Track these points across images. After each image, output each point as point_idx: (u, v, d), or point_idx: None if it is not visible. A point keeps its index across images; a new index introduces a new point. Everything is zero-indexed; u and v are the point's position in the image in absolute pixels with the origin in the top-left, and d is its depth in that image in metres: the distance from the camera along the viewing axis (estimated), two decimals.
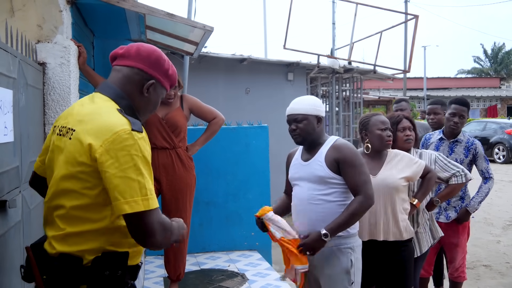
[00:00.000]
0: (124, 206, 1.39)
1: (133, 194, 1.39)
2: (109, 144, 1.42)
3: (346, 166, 2.41)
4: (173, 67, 1.71)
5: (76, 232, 1.49)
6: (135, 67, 1.60)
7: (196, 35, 4.15)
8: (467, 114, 3.65)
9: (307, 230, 2.45)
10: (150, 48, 1.64)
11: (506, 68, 42.24)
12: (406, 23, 14.41)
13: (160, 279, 4.20)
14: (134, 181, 1.40)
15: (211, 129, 3.82)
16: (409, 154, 2.95)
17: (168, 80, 1.68)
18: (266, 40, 13.99)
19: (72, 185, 1.48)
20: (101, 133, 1.43)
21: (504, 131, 16.23)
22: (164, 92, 1.70)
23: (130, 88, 1.60)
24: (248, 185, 5.07)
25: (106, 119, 1.47)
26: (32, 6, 2.86)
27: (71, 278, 1.47)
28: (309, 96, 2.63)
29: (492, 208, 8.70)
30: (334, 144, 2.48)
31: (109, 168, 1.40)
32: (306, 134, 2.49)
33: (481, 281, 4.94)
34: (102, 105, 1.55)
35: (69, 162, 1.49)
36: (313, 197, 2.47)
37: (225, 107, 6.40)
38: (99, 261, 1.48)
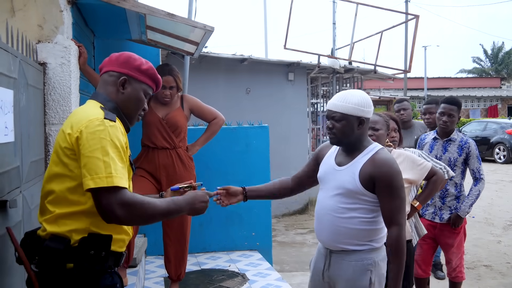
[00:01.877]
0: (89, 182, 1.55)
1: (97, 171, 1.55)
2: (83, 128, 1.61)
3: (382, 187, 2.15)
4: (148, 64, 1.85)
5: (65, 213, 1.65)
6: (109, 70, 1.83)
7: (197, 35, 4.15)
8: (456, 112, 3.65)
9: (327, 240, 2.29)
10: (120, 53, 1.86)
11: (506, 68, 42.20)
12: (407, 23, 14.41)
13: (161, 279, 4.20)
14: (100, 160, 1.56)
15: (211, 129, 3.82)
16: (415, 156, 2.93)
17: (143, 74, 1.82)
18: (267, 40, 14.00)
19: (58, 169, 1.67)
20: (78, 122, 1.65)
21: (504, 131, 16.22)
22: (144, 87, 1.84)
23: (110, 89, 1.81)
24: (248, 185, 5.04)
25: (85, 112, 1.69)
26: (32, 6, 2.86)
27: (59, 257, 1.62)
28: (358, 92, 2.26)
29: (493, 208, 8.70)
30: (375, 157, 2.20)
31: (81, 149, 1.59)
32: (342, 135, 2.22)
33: (481, 281, 4.94)
34: (88, 105, 1.78)
35: (55, 150, 1.70)
36: (336, 209, 2.23)
37: (226, 107, 6.39)
38: (85, 241, 1.63)
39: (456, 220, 3.61)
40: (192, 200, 1.83)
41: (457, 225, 3.62)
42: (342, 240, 2.23)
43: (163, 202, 1.71)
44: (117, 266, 1.76)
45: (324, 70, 9.52)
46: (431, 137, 3.80)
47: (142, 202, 1.61)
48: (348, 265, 2.23)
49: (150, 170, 3.59)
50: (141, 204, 1.60)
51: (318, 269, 2.38)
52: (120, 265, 1.78)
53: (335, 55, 11.91)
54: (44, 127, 2.80)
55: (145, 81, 1.83)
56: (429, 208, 3.71)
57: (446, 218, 3.62)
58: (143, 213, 1.61)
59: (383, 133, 2.85)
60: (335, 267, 2.28)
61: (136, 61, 1.82)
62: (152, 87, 1.87)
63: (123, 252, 1.77)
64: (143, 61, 1.84)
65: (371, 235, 2.23)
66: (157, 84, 1.88)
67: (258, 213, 5.06)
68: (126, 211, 1.56)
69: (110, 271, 1.71)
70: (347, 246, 2.23)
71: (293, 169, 2.87)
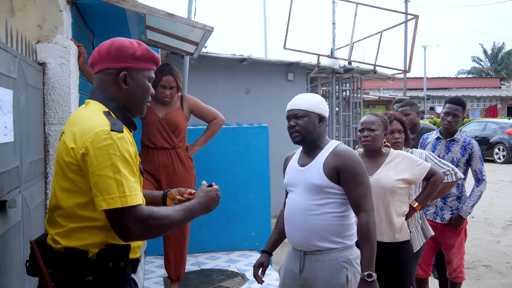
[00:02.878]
0: (101, 202, 1.45)
1: (109, 191, 1.44)
2: (89, 144, 1.48)
3: (347, 176, 2.22)
4: (142, 46, 1.67)
5: (78, 227, 1.54)
6: (104, 68, 1.65)
7: (196, 35, 4.15)
8: (461, 113, 3.64)
9: (299, 241, 2.31)
10: (107, 44, 1.66)
11: (506, 68, 42.21)
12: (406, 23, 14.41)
13: (160, 279, 4.20)
14: (111, 178, 1.45)
15: (211, 129, 3.82)
16: (414, 156, 2.92)
17: (141, 60, 1.65)
18: (266, 40, 14.00)
19: (65, 183, 1.55)
20: (82, 135, 1.50)
21: (504, 131, 16.24)
22: (146, 73, 1.68)
23: (111, 88, 1.65)
24: (248, 185, 5.07)
25: (88, 122, 1.54)
26: (32, 6, 2.85)
27: (78, 271, 1.53)
28: (314, 94, 2.45)
29: (492, 208, 8.70)
30: (335, 150, 2.29)
31: (89, 167, 1.47)
32: (305, 132, 2.30)
33: (481, 281, 4.94)
34: (90, 109, 1.63)
35: (59, 163, 1.57)
36: (307, 207, 2.27)
37: (225, 107, 6.39)
38: (104, 253, 1.54)
39: (458, 221, 3.61)
40: (207, 201, 1.73)
41: (458, 226, 3.62)
42: (315, 238, 2.25)
43: (177, 211, 1.60)
44: (134, 272, 1.70)
45: (324, 70, 9.53)
46: (434, 137, 3.79)
47: (157, 216, 1.53)
48: (323, 265, 2.25)
49: (150, 170, 3.59)
50: (156, 219, 1.52)
51: (291, 273, 2.37)
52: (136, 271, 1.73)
53: (334, 55, 11.91)
54: (44, 127, 2.80)
55: (145, 66, 1.67)
56: (430, 208, 3.71)
57: (447, 219, 3.62)
58: (160, 227, 1.54)
59: (380, 134, 2.83)
60: (310, 268, 2.28)
61: (129, 49, 1.63)
62: (153, 68, 1.71)
63: (138, 258, 1.71)
64: (136, 45, 1.65)
65: (343, 230, 2.27)
66: (156, 62, 1.71)
67: (258, 213, 5.06)
68: (143, 228, 1.49)
69: (128, 279, 1.66)
70: (320, 244, 2.25)
71: None
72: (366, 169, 2.31)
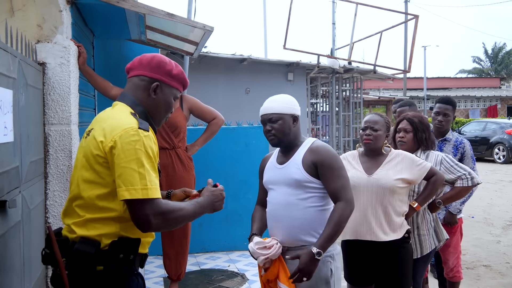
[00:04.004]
0: (124, 192, 1.56)
1: (133, 182, 1.56)
2: (118, 138, 1.60)
3: (324, 170, 2.28)
4: (178, 68, 1.85)
5: (95, 218, 1.65)
6: (140, 74, 1.81)
7: (196, 35, 4.15)
8: (451, 112, 3.63)
9: (283, 237, 2.33)
10: (151, 55, 1.84)
11: (506, 68, 42.20)
12: (406, 23, 14.42)
13: (160, 279, 4.20)
14: (135, 171, 1.57)
15: (210, 129, 3.82)
16: (414, 156, 2.91)
17: (174, 79, 1.84)
18: (266, 40, 13.99)
19: (89, 175, 1.66)
20: (112, 130, 1.63)
21: (504, 131, 16.23)
22: (174, 91, 1.86)
23: (140, 94, 1.80)
24: (248, 185, 5.07)
25: (118, 119, 1.68)
26: (32, 6, 2.85)
27: (90, 260, 1.62)
28: (283, 94, 2.46)
29: (492, 208, 8.70)
30: (312, 147, 2.36)
31: (116, 159, 1.59)
32: (282, 135, 2.35)
33: (481, 281, 4.94)
34: (118, 109, 1.76)
35: (86, 156, 1.68)
36: (289, 202, 2.32)
37: (225, 107, 6.40)
38: (115, 245, 1.65)
39: (450, 219, 3.60)
40: (212, 200, 1.84)
41: (451, 223, 3.60)
42: (299, 232, 2.29)
43: (190, 205, 1.74)
44: (142, 267, 1.78)
45: (324, 70, 9.54)
46: None
47: (174, 209, 1.66)
48: None
49: None
50: (173, 211, 1.65)
51: None
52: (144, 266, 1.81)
53: (334, 55, 11.92)
54: (44, 127, 2.80)
55: (176, 85, 1.85)
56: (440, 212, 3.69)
57: (442, 218, 3.61)
58: (176, 219, 1.67)
59: (382, 134, 2.83)
60: (294, 263, 2.28)
61: (167, 66, 1.82)
62: (180, 90, 1.89)
63: (147, 253, 1.80)
64: (173, 65, 1.85)
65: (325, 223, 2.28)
66: (185, 86, 1.91)
67: None
68: (161, 220, 1.61)
69: (136, 273, 1.74)
70: (305, 238, 2.29)
71: None
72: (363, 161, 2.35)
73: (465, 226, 3.89)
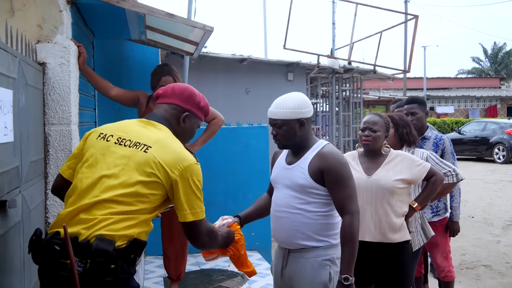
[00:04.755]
0: (189, 215, 1.85)
1: (195, 207, 1.86)
2: (184, 171, 1.82)
3: (331, 178, 2.21)
4: (204, 100, 2.10)
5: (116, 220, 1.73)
6: (172, 103, 2.01)
7: (196, 35, 4.15)
8: (418, 109, 3.69)
9: (285, 240, 2.31)
10: (183, 86, 2.06)
11: (506, 68, 42.20)
12: (406, 23, 14.42)
13: (160, 279, 4.20)
14: (198, 199, 1.87)
15: (210, 129, 3.82)
16: (413, 156, 2.91)
17: (201, 111, 2.08)
18: (266, 40, 14.00)
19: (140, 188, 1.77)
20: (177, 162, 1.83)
21: (504, 131, 16.24)
22: (198, 121, 2.10)
23: (171, 119, 2.00)
24: (248, 185, 5.07)
25: (178, 150, 1.87)
26: (32, 6, 2.85)
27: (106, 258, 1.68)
28: (292, 96, 2.34)
29: (492, 208, 8.71)
30: (320, 152, 2.27)
31: (182, 187, 1.82)
32: (286, 140, 2.31)
33: (481, 281, 4.94)
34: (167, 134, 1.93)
35: (139, 170, 1.79)
36: (291, 206, 2.28)
37: (225, 107, 6.39)
38: (131, 246, 1.75)
39: (453, 227, 3.64)
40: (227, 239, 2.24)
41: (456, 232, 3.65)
42: (299, 236, 2.25)
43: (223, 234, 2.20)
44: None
45: (324, 70, 9.54)
46: None
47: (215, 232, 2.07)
48: (306, 262, 2.25)
49: None
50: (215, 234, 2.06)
51: (277, 271, 2.38)
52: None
53: (334, 55, 11.92)
54: (44, 127, 2.80)
55: (201, 116, 2.09)
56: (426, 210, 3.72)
57: (428, 218, 3.62)
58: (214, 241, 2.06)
59: (381, 135, 2.83)
60: (292, 266, 2.29)
61: (196, 98, 2.05)
62: (203, 119, 2.13)
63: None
64: (201, 97, 2.08)
65: (328, 229, 2.26)
66: (206, 115, 2.14)
67: None
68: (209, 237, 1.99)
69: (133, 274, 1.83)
70: (305, 242, 2.25)
71: None
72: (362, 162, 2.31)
73: (465, 226, 3.89)
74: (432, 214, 3.63)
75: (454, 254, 5.68)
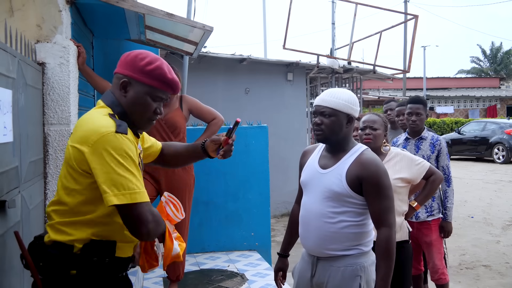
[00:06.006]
0: (112, 198, 1.50)
1: (119, 188, 1.51)
2: (95, 144, 1.53)
3: (370, 188, 2.08)
4: (157, 62, 1.68)
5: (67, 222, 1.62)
6: (116, 72, 1.72)
7: (196, 35, 4.15)
8: (423, 111, 3.74)
9: (313, 247, 2.20)
10: (130, 52, 1.71)
11: (505, 68, 42.20)
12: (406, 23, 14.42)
13: (160, 279, 4.20)
14: (121, 176, 1.51)
15: (210, 129, 3.82)
16: (412, 155, 2.93)
17: (147, 75, 1.66)
18: (266, 40, 14.00)
19: (67, 181, 1.63)
20: (88, 136, 1.56)
21: (503, 131, 16.24)
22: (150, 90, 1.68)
23: (116, 92, 1.71)
24: (247, 185, 5.07)
25: (93, 123, 1.59)
26: (31, 6, 2.85)
27: (62, 264, 1.60)
28: (346, 91, 2.20)
29: (492, 208, 8.71)
30: (360, 158, 2.13)
31: (97, 165, 1.52)
32: (330, 132, 2.15)
33: (480, 281, 4.94)
34: (96, 111, 1.68)
35: (65, 162, 1.66)
36: (324, 214, 2.14)
37: (225, 107, 6.39)
38: (88, 248, 1.61)
39: (447, 227, 3.66)
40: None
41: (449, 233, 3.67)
42: (329, 246, 2.14)
43: None
44: (124, 271, 1.72)
45: (323, 70, 9.53)
46: (403, 138, 3.89)
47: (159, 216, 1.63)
48: (337, 271, 2.14)
49: (148, 170, 3.58)
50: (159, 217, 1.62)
51: (304, 277, 2.27)
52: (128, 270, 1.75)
53: (334, 55, 11.92)
54: (43, 127, 2.80)
55: (150, 83, 1.66)
56: None
57: (422, 217, 3.65)
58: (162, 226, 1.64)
59: (381, 133, 2.87)
60: (322, 274, 2.18)
61: (142, 61, 1.66)
62: (163, 89, 1.70)
63: (130, 257, 1.73)
64: (151, 60, 1.67)
65: (360, 238, 2.16)
66: (170, 85, 1.71)
67: (257, 213, 5.06)
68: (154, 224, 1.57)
69: (117, 277, 1.68)
70: (335, 252, 2.15)
71: (292, 169, 2.86)
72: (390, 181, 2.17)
73: (465, 226, 3.88)
74: (427, 214, 3.65)
75: (454, 254, 5.69)
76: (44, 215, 2.78)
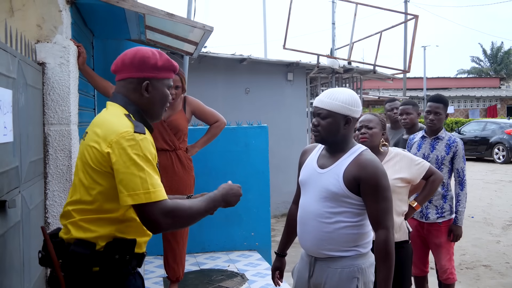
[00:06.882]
0: (127, 198, 1.56)
1: (134, 188, 1.56)
2: (114, 144, 1.59)
3: (368, 189, 2.07)
4: (162, 56, 1.76)
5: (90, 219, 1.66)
6: (127, 77, 1.75)
7: (196, 35, 4.15)
8: (443, 110, 3.65)
9: (311, 247, 2.20)
10: (131, 53, 1.75)
11: (506, 68, 42.19)
12: (406, 23, 14.42)
13: (160, 279, 4.20)
14: (136, 176, 1.56)
15: (212, 132, 3.83)
16: (412, 155, 2.92)
17: (161, 71, 1.76)
18: (266, 40, 13.98)
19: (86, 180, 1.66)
20: (107, 136, 1.62)
21: (504, 131, 16.25)
22: (166, 82, 1.79)
23: (132, 95, 1.75)
24: (247, 185, 5.05)
25: (112, 123, 1.65)
26: (31, 6, 2.85)
27: (86, 261, 1.64)
28: (345, 91, 2.17)
29: (492, 208, 8.71)
30: (358, 158, 2.12)
31: (115, 165, 1.58)
32: (327, 134, 2.14)
33: (480, 281, 4.94)
34: (112, 112, 1.73)
35: (82, 161, 1.69)
36: (321, 214, 2.13)
37: (225, 107, 6.39)
38: (111, 246, 1.66)
39: (456, 231, 3.60)
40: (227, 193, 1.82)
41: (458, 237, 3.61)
42: (327, 247, 2.14)
43: (199, 201, 1.71)
44: (140, 266, 1.79)
45: (323, 70, 9.52)
46: (420, 136, 3.82)
47: (183, 207, 1.63)
48: (334, 272, 2.13)
49: None
50: (182, 209, 1.63)
51: (302, 278, 2.27)
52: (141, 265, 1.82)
53: (334, 55, 11.92)
54: (43, 127, 2.80)
55: (165, 76, 1.78)
56: None
57: (432, 218, 3.61)
58: (187, 216, 1.65)
59: (377, 132, 2.85)
60: (320, 274, 2.18)
61: (151, 60, 1.73)
62: (172, 76, 1.82)
63: (144, 253, 1.80)
64: (157, 56, 1.75)
65: (357, 240, 2.14)
66: (175, 69, 1.81)
67: (258, 213, 5.06)
68: (171, 219, 1.60)
69: (133, 273, 1.75)
70: (332, 253, 2.14)
71: (292, 169, 2.86)
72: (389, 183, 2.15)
73: (465, 226, 3.87)
74: (437, 215, 3.61)
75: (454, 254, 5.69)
76: (44, 215, 2.78)
